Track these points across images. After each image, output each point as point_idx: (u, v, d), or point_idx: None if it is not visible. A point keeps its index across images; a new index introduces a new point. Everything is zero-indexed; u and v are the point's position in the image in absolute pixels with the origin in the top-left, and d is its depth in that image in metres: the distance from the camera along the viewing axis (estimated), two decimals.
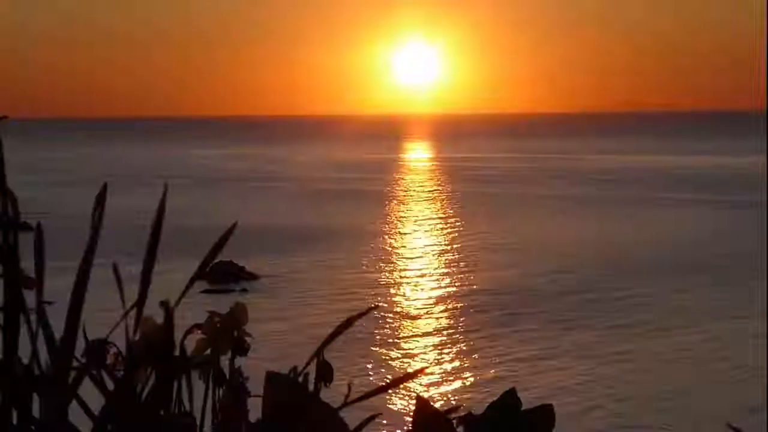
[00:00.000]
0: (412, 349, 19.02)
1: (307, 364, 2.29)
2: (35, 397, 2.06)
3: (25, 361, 2.07)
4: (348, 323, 2.24)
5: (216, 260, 2.19)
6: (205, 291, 23.03)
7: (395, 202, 47.91)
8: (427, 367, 17.39)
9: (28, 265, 2.10)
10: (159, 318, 2.16)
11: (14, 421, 2.04)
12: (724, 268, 26.75)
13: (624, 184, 56.41)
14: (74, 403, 2.11)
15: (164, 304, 2.12)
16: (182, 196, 44.97)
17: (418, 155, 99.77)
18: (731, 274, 25.83)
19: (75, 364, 2.10)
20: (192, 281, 2.13)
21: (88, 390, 2.13)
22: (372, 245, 31.88)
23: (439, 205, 47.07)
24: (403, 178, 63.94)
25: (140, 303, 2.09)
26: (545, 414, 2.47)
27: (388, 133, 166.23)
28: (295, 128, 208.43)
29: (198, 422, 2.22)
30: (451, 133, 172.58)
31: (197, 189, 52.55)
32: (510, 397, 2.48)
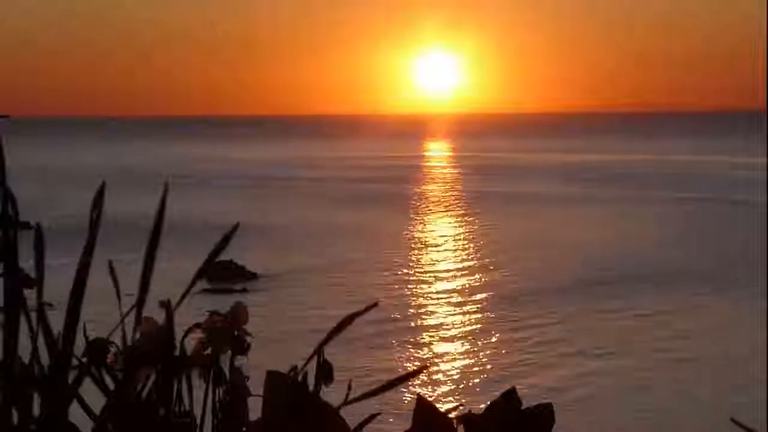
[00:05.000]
0: (412, 347, 19.03)
1: (307, 362, 2.29)
2: (35, 397, 2.06)
3: (26, 361, 2.07)
4: (348, 321, 2.24)
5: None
6: (205, 291, 23.02)
7: (397, 201, 47.88)
8: (427, 366, 17.37)
9: (27, 264, 2.10)
10: (159, 318, 2.15)
11: (14, 421, 2.04)
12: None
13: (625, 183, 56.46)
14: (74, 403, 2.11)
15: (165, 304, 2.12)
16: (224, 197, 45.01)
17: (426, 153, 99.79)
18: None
19: (75, 363, 2.10)
20: (194, 281, 2.13)
21: (88, 390, 2.13)
22: (373, 244, 31.87)
23: (441, 204, 47.07)
24: (409, 178, 63.88)
25: (140, 303, 2.09)
26: (545, 413, 2.47)
27: (406, 132, 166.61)
28: (331, 126, 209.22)
29: (198, 422, 2.22)
30: (461, 132, 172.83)
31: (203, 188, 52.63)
32: (510, 396, 2.48)
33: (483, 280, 25.84)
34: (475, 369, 17.59)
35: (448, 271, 27.52)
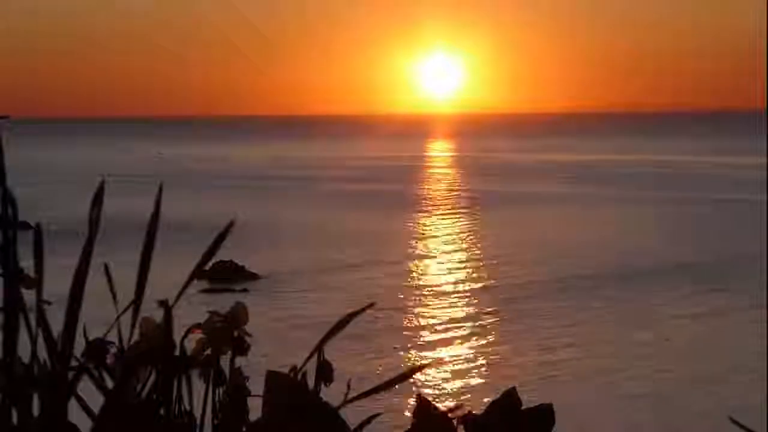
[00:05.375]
0: (412, 347, 19.03)
1: (306, 361, 2.29)
2: (35, 397, 2.06)
3: (26, 360, 2.07)
4: (346, 320, 2.24)
5: (216, 260, 2.20)
6: (205, 291, 23.02)
7: (397, 201, 47.86)
8: (426, 365, 17.36)
9: (27, 264, 2.10)
10: (158, 317, 2.15)
11: (14, 421, 2.04)
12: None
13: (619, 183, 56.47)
14: (74, 403, 2.11)
15: (163, 304, 2.12)
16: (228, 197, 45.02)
17: (428, 153, 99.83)
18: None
19: (74, 363, 2.10)
20: (190, 279, 2.13)
21: (88, 389, 2.13)
22: (373, 244, 31.87)
23: (442, 204, 47.07)
24: (410, 178, 63.87)
25: (137, 302, 2.09)
26: (545, 413, 2.47)
27: (408, 132, 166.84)
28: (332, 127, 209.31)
29: (198, 422, 2.22)
30: (462, 132, 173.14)
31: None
32: (510, 396, 2.48)
33: (482, 279, 25.84)
34: (473, 370, 17.59)
35: (447, 270, 27.51)
